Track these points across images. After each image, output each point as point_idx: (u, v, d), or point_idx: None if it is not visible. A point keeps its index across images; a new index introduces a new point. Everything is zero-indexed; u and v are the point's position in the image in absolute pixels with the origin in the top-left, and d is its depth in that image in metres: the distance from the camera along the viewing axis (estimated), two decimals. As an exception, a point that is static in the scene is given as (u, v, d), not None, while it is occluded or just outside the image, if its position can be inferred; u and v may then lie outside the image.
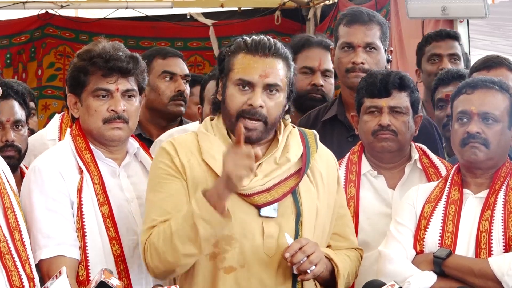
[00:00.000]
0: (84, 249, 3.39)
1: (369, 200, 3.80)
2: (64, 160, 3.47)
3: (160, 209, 3.23)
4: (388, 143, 3.77)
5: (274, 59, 3.28)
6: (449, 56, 4.95)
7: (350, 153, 3.90)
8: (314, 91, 4.65)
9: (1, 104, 3.78)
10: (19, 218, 3.30)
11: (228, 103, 3.28)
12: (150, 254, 3.20)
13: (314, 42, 4.75)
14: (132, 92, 3.51)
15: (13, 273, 3.16)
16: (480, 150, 3.47)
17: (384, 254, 3.47)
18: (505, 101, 3.52)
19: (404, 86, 3.81)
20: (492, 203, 3.44)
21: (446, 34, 5.05)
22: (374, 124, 3.78)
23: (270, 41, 3.30)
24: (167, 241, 3.15)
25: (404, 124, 3.79)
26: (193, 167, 3.27)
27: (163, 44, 9.02)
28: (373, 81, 3.81)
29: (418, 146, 3.90)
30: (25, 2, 8.91)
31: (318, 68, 4.66)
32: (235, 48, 3.31)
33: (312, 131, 3.47)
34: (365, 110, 3.82)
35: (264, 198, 3.25)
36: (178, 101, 4.76)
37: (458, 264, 3.36)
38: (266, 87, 3.25)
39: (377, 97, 3.79)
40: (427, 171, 3.83)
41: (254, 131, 3.25)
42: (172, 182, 3.26)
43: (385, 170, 3.85)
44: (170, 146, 3.31)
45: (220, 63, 3.36)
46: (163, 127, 4.77)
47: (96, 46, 3.48)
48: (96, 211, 3.44)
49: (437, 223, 3.48)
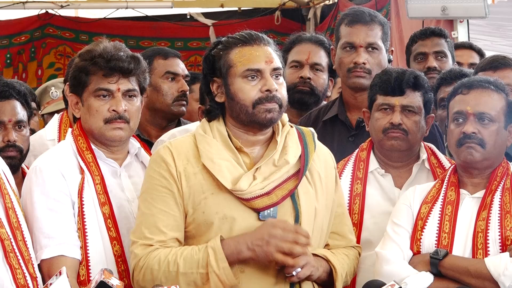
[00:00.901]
0: (85, 249, 3.39)
1: (375, 198, 3.79)
2: (65, 160, 3.48)
3: (153, 226, 3.24)
4: (398, 141, 3.76)
5: (268, 46, 3.33)
6: (434, 54, 4.94)
7: (358, 150, 3.89)
8: (301, 83, 4.63)
9: (3, 105, 3.78)
10: (21, 218, 3.31)
11: (240, 96, 3.28)
12: (143, 275, 3.22)
13: (304, 37, 4.74)
14: (134, 92, 3.51)
15: (18, 271, 3.17)
16: (476, 150, 3.47)
17: (381, 255, 3.47)
18: (501, 101, 3.52)
19: (418, 86, 3.80)
20: (488, 203, 3.44)
21: (431, 32, 5.05)
22: (386, 122, 3.77)
23: (257, 32, 3.36)
24: (170, 277, 3.17)
25: (415, 124, 3.77)
26: (189, 177, 3.27)
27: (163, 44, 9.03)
28: (387, 78, 3.80)
29: (427, 146, 3.89)
30: (25, 2, 8.92)
31: (307, 61, 4.63)
32: (226, 45, 3.32)
33: (309, 129, 3.47)
34: (377, 107, 3.81)
35: (263, 202, 3.25)
36: (181, 101, 4.75)
37: (455, 265, 3.36)
38: (272, 71, 3.29)
39: (391, 95, 3.78)
40: (434, 171, 3.81)
41: (274, 111, 3.27)
42: (165, 196, 3.26)
43: (393, 168, 3.84)
44: (167, 152, 3.30)
45: (209, 66, 3.36)
46: (163, 127, 4.76)
47: (97, 46, 3.49)
48: (97, 211, 3.44)
49: (433, 224, 3.48)
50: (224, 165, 3.25)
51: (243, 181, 3.23)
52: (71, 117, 4.29)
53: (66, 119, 4.41)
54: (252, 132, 3.32)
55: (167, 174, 3.27)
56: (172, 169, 3.27)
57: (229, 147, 3.30)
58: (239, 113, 3.29)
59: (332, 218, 3.45)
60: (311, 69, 4.63)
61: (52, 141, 4.29)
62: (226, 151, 3.29)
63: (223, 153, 3.28)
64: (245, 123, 3.30)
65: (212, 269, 3.13)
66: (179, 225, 3.25)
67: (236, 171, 3.26)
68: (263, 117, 3.26)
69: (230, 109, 3.32)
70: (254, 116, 3.26)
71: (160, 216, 3.24)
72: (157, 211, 3.25)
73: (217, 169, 3.24)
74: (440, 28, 5.14)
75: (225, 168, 3.25)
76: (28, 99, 3.88)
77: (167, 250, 3.21)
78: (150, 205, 3.27)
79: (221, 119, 3.36)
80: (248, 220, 3.24)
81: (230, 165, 3.26)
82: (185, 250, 3.21)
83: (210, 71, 3.35)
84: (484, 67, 4.23)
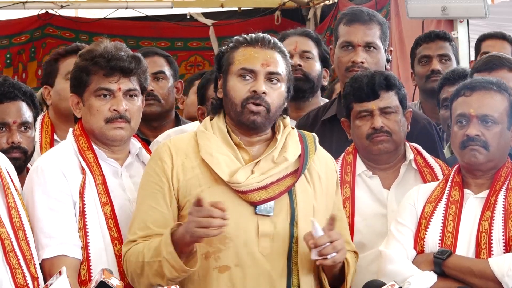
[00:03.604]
0: (86, 249, 3.39)
1: (365, 200, 3.79)
2: (66, 160, 3.48)
3: (141, 222, 3.29)
4: (384, 144, 3.76)
5: (274, 51, 3.35)
6: (438, 57, 4.96)
7: (344, 154, 3.89)
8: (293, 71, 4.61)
9: (8, 106, 3.76)
10: (23, 217, 3.31)
11: (232, 94, 3.31)
12: (126, 269, 3.31)
13: (289, 32, 4.71)
14: (134, 91, 3.51)
15: (17, 271, 3.17)
16: (480, 153, 3.46)
17: (384, 254, 3.47)
18: (504, 102, 3.51)
19: (390, 85, 3.80)
20: (492, 203, 3.44)
21: (435, 35, 5.07)
22: (367, 128, 3.76)
23: (268, 36, 3.38)
24: (138, 267, 3.23)
25: (397, 123, 3.77)
26: (186, 171, 3.30)
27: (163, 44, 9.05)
28: (359, 85, 3.79)
29: (412, 146, 3.89)
30: (25, 2, 8.92)
31: (295, 50, 4.58)
32: (234, 44, 3.37)
33: (311, 133, 3.49)
34: (355, 115, 3.80)
35: (260, 196, 3.26)
36: (147, 101, 4.70)
37: (458, 264, 3.37)
38: (267, 75, 3.31)
39: (366, 101, 3.77)
40: (422, 171, 3.82)
41: (258, 114, 3.29)
42: (155, 193, 3.30)
43: (380, 170, 3.84)
44: (165, 148, 3.34)
45: (218, 62, 3.41)
46: (154, 127, 4.74)
47: (98, 46, 3.49)
48: (99, 211, 3.44)
49: (437, 223, 3.48)
50: (222, 159, 3.28)
51: (240, 174, 3.25)
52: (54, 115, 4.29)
53: (47, 120, 4.38)
54: (245, 133, 3.35)
55: (160, 171, 3.30)
56: (166, 166, 3.30)
57: (228, 143, 3.32)
58: (230, 110, 3.34)
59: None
60: (301, 58, 4.60)
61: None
62: (225, 147, 3.31)
63: (222, 148, 3.31)
64: (235, 122, 3.34)
65: (163, 255, 3.15)
66: (167, 221, 3.27)
67: (234, 165, 3.28)
68: (247, 117, 3.29)
69: (225, 106, 3.37)
70: (241, 116, 3.29)
71: (149, 212, 3.29)
72: (147, 207, 3.30)
73: (215, 162, 3.26)
74: (445, 32, 5.16)
75: (223, 162, 3.27)
76: (35, 99, 3.88)
77: (143, 243, 3.25)
78: (142, 201, 3.33)
79: (222, 116, 3.39)
80: (244, 214, 3.25)
81: (228, 159, 3.29)
82: (153, 241, 3.23)
83: (218, 67, 3.41)
84: (479, 68, 4.17)
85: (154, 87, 4.68)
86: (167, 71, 4.81)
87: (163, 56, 4.86)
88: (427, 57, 4.99)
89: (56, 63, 4.27)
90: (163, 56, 4.86)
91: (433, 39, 5.03)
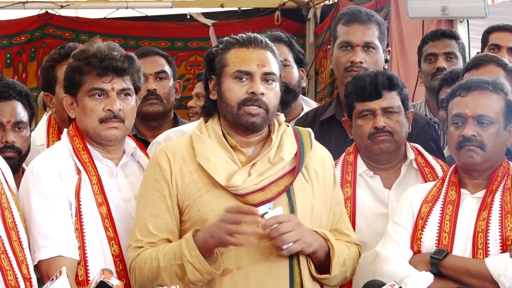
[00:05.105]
0: (83, 249, 3.39)
1: (366, 200, 3.80)
2: (61, 161, 3.48)
3: (144, 229, 3.30)
4: (386, 144, 3.77)
5: (266, 51, 3.36)
6: (444, 55, 4.95)
7: (345, 154, 3.90)
8: None
9: (3, 105, 3.78)
10: (17, 218, 3.30)
11: (227, 96, 3.31)
12: (134, 276, 3.30)
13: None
14: (128, 91, 3.52)
15: (9, 272, 3.16)
16: (476, 153, 3.46)
17: (381, 255, 3.47)
18: (500, 102, 3.51)
19: (393, 86, 3.81)
20: (489, 203, 3.43)
21: (441, 33, 5.06)
22: (369, 127, 3.77)
23: (259, 35, 3.38)
24: (153, 273, 3.23)
25: (399, 123, 3.78)
26: (184, 176, 3.31)
27: (163, 44, 9.04)
28: (362, 84, 3.80)
29: (413, 146, 3.90)
30: (25, 2, 8.91)
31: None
32: (225, 45, 3.37)
33: (306, 129, 3.49)
34: (357, 114, 3.81)
35: (258, 197, 3.26)
36: (150, 100, 4.71)
37: (455, 265, 3.36)
38: (263, 76, 3.32)
39: (368, 100, 3.78)
40: (422, 171, 3.83)
41: (258, 116, 3.30)
42: (156, 200, 3.31)
43: (381, 170, 3.86)
44: (162, 155, 3.35)
45: (209, 64, 3.40)
46: (153, 127, 4.74)
47: (91, 46, 3.50)
48: (95, 211, 3.44)
49: (434, 223, 3.47)
50: (218, 163, 3.28)
51: (237, 177, 3.25)
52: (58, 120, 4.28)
53: (53, 122, 4.38)
54: (241, 133, 3.35)
55: (159, 177, 3.32)
56: (165, 173, 3.31)
57: (224, 146, 3.33)
58: (225, 112, 3.34)
59: (331, 216, 3.46)
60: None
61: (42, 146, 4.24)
62: (221, 150, 3.32)
63: (218, 151, 3.31)
64: (231, 124, 3.34)
65: (186, 258, 3.16)
66: (170, 227, 3.30)
67: (230, 169, 3.28)
68: (245, 119, 3.29)
69: (220, 108, 3.36)
70: (238, 118, 3.30)
71: (150, 219, 3.30)
72: (148, 214, 3.31)
73: (211, 166, 3.27)
74: (451, 30, 5.16)
75: (220, 166, 3.28)
76: (30, 99, 3.87)
77: (153, 248, 3.26)
78: (143, 208, 3.33)
79: (217, 118, 3.39)
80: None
81: (224, 163, 3.29)
82: (166, 246, 3.25)
83: (209, 68, 3.40)
84: (468, 67, 4.19)
85: (156, 86, 4.69)
86: (168, 71, 4.82)
87: (163, 56, 4.88)
88: (433, 55, 4.99)
89: (54, 70, 4.24)
90: (163, 56, 4.87)
91: (440, 37, 5.03)
